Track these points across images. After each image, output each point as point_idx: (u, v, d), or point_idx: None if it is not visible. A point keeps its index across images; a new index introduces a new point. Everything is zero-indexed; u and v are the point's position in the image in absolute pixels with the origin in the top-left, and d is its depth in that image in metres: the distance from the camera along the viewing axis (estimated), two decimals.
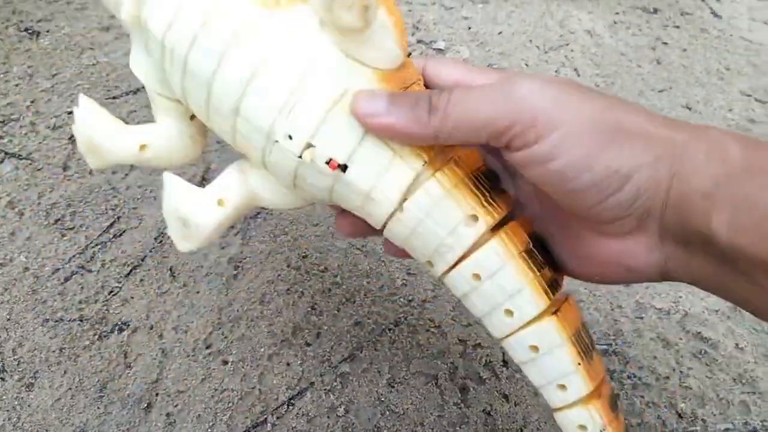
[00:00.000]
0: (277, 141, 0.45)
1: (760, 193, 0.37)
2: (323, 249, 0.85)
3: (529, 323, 0.47)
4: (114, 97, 0.96)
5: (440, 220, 0.45)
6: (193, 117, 0.54)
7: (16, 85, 0.94)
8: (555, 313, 0.47)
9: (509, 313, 0.47)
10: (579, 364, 0.47)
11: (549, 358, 0.47)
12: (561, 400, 0.49)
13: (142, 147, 0.53)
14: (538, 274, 0.46)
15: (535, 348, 0.47)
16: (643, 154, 0.40)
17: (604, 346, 0.80)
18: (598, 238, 0.44)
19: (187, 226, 0.49)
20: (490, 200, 0.46)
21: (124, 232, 0.84)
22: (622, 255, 0.44)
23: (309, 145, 0.44)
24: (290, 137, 0.44)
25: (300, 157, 0.44)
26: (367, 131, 0.43)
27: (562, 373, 0.47)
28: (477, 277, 0.46)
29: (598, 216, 0.42)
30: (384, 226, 0.47)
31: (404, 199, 0.45)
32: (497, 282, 0.46)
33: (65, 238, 0.82)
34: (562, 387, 0.48)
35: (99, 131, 0.52)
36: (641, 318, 0.83)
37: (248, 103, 0.44)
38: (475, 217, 0.45)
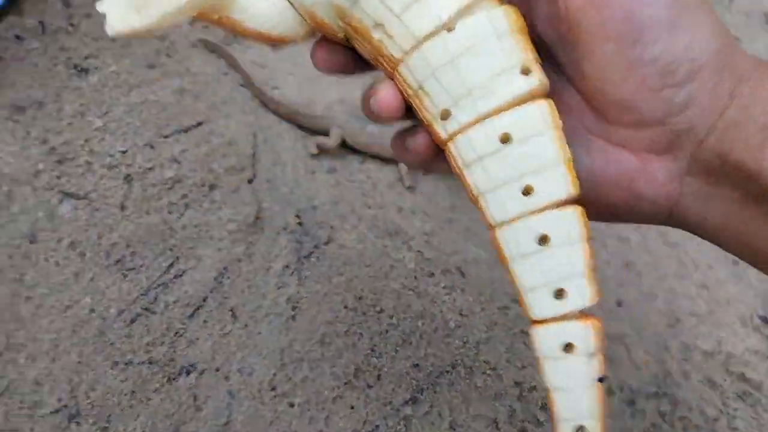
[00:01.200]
0: None
1: None
2: (377, 290, 0.88)
3: (549, 207, 0.39)
4: (165, 136, 0.98)
5: (492, 56, 0.38)
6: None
7: (69, 124, 0.96)
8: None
9: (529, 190, 0.39)
10: (593, 270, 0.39)
11: (559, 254, 0.39)
12: (552, 309, 0.39)
13: None
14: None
15: (545, 239, 0.39)
16: (714, 58, 0.36)
17: (654, 389, 0.83)
18: (618, 150, 0.39)
19: None
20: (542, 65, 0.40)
21: (184, 272, 0.85)
22: (637, 176, 0.39)
23: None
24: None
25: None
26: None
27: (568, 274, 0.39)
28: (506, 138, 0.39)
29: (638, 109, 0.37)
30: (403, 56, 0.40)
31: (453, 21, 0.38)
32: (531, 148, 0.38)
33: (127, 278, 0.84)
34: (560, 293, 0.39)
35: None
36: (687, 359, 0.86)
37: None
38: (528, 70, 0.38)
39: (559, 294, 0.39)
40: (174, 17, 0.38)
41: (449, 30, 0.38)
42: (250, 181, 0.97)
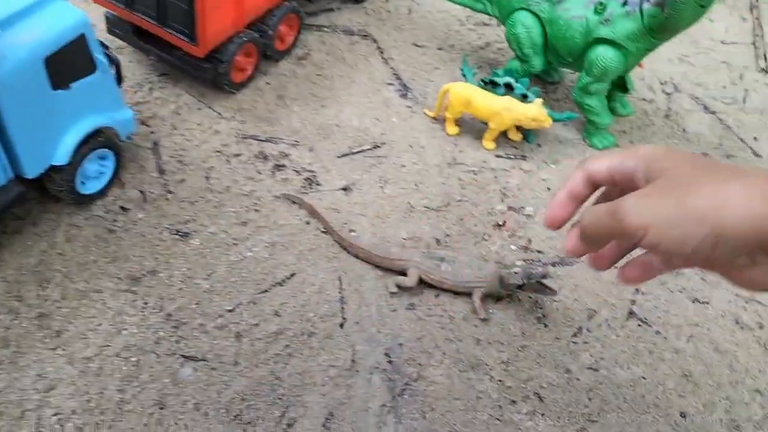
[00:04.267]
0: None
1: None
2: (468, 422, 0.99)
3: None
4: (265, 291, 1.11)
5: None
6: None
7: (180, 289, 1.09)
8: None
9: None
10: None
11: None
12: None
13: None
14: None
15: None
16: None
17: None
18: (733, 273, 0.46)
19: None
20: None
21: (295, 421, 0.97)
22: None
23: None
24: None
25: None
26: None
27: None
28: None
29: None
30: None
31: None
32: None
33: None
34: None
35: None
36: None
37: None
38: None
39: None
40: None
41: None
42: (341, 326, 1.09)
